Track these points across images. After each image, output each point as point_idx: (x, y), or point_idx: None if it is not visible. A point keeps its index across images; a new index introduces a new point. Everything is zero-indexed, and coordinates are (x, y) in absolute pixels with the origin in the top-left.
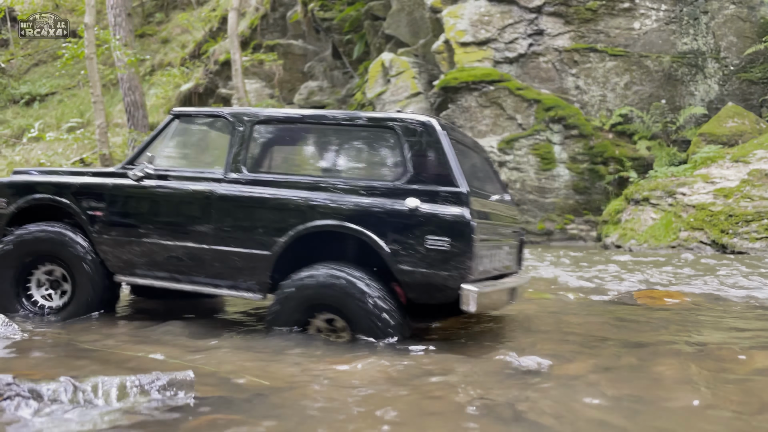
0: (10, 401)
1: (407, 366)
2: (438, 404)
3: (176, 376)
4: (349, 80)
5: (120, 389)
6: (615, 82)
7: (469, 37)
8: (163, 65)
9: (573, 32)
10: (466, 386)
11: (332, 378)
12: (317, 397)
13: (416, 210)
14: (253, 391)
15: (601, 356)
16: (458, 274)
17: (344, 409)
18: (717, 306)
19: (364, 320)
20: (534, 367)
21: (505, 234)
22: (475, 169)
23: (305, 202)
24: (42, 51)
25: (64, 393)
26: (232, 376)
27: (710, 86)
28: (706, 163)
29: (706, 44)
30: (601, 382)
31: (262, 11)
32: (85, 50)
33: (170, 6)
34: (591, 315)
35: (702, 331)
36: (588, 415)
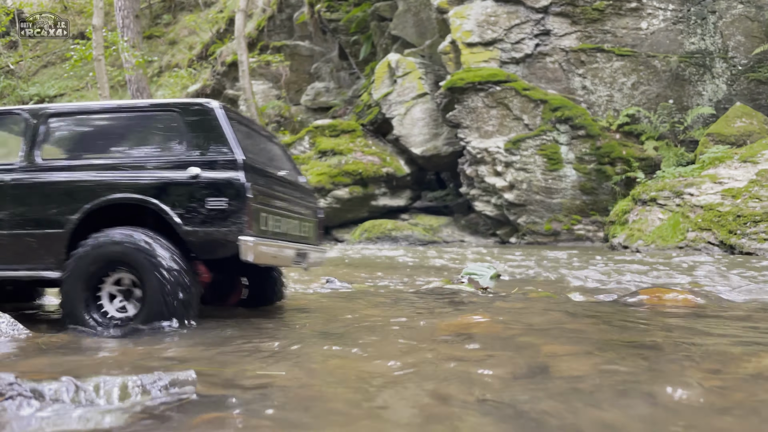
0: (11, 401)
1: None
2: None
3: (178, 376)
4: (355, 81)
5: (122, 389)
6: (622, 82)
7: (476, 38)
8: (170, 66)
9: (580, 32)
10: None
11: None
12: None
13: (197, 177)
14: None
15: (604, 356)
16: (236, 228)
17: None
18: (722, 307)
19: (152, 277)
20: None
21: (296, 208)
22: (263, 151)
23: (95, 180)
24: (51, 53)
25: (65, 393)
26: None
27: (718, 86)
28: (714, 163)
29: (714, 44)
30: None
31: (268, 12)
32: (93, 52)
33: (178, 8)
34: (590, 315)
35: (708, 331)
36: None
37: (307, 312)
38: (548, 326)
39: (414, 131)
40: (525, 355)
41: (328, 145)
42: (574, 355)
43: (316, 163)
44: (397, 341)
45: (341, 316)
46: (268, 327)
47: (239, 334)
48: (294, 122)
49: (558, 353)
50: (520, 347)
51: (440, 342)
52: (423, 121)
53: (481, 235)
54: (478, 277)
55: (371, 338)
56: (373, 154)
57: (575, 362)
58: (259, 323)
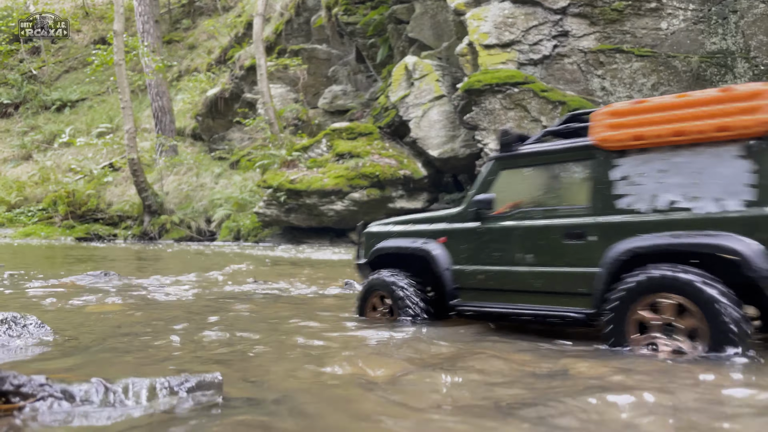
0: (43, 401)
1: None
2: None
3: (205, 378)
4: (372, 84)
5: (150, 390)
6: (642, 83)
7: (493, 40)
8: (189, 71)
9: (598, 33)
10: None
11: None
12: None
13: None
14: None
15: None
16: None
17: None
18: None
19: None
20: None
21: None
22: None
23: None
24: (72, 58)
25: (95, 394)
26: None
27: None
28: None
29: (735, 44)
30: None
31: (286, 16)
32: (114, 57)
33: (197, 12)
34: None
35: None
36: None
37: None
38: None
39: (431, 133)
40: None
41: (346, 148)
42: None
43: (333, 165)
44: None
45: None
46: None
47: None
48: (311, 125)
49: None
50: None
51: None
52: (440, 123)
53: None
54: None
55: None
56: (390, 157)
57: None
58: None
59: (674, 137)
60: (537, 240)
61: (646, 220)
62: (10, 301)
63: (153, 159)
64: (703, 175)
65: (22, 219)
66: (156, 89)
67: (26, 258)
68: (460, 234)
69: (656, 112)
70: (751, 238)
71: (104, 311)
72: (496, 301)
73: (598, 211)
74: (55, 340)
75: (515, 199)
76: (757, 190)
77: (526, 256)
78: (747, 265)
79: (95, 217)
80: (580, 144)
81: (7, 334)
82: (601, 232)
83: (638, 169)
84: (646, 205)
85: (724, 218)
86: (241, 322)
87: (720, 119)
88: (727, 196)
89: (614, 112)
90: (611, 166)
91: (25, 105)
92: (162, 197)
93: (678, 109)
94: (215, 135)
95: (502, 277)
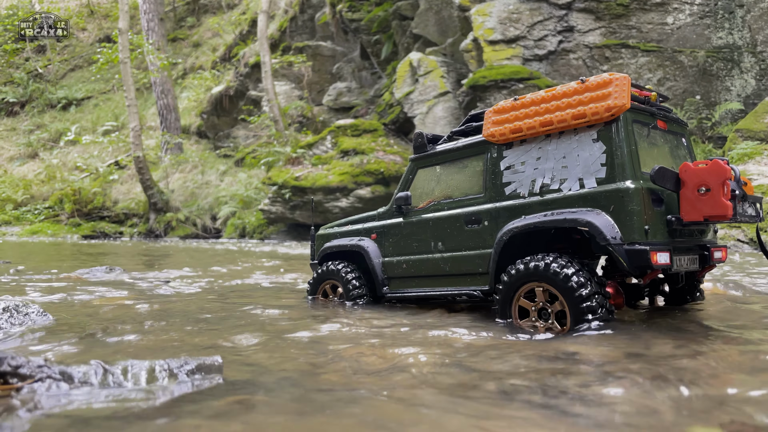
0: (41, 383)
1: None
2: None
3: (204, 361)
4: (377, 80)
5: (149, 372)
6: (648, 78)
7: (498, 35)
8: (194, 68)
9: (604, 28)
10: None
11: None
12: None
13: None
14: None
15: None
16: None
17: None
18: (753, 301)
19: None
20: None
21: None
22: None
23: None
24: (78, 56)
25: (94, 375)
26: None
27: (747, 81)
28: (743, 159)
29: (742, 38)
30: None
31: (290, 13)
32: (119, 55)
33: (201, 10)
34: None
35: (740, 324)
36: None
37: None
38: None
39: (436, 130)
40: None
41: (350, 145)
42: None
43: (338, 162)
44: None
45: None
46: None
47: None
48: (316, 122)
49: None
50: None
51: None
52: (445, 119)
53: None
54: None
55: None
56: (395, 153)
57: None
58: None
59: (544, 128)
60: (445, 228)
61: (526, 202)
62: (15, 294)
63: (158, 157)
64: (568, 159)
65: (28, 217)
66: (161, 87)
67: (33, 255)
68: (386, 229)
69: (530, 107)
70: (605, 211)
71: (107, 303)
72: (417, 287)
73: (490, 198)
74: (57, 328)
75: (431, 193)
76: (606, 168)
77: (438, 244)
78: (598, 234)
79: (101, 214)
80: (475, 141)
81: (9, 321)
82: (492, 217)
83: (520, 158)
84: (527, 190)
85: (583, 195)
86: (240, 311)
87: (577, 108)
88: (587, 176)
89: (498, 110)
90: (500, 158)
91: (31, 103)
92: (167, 195)
93: (545, 103)
94: (220, 132)
95: (420, 265)
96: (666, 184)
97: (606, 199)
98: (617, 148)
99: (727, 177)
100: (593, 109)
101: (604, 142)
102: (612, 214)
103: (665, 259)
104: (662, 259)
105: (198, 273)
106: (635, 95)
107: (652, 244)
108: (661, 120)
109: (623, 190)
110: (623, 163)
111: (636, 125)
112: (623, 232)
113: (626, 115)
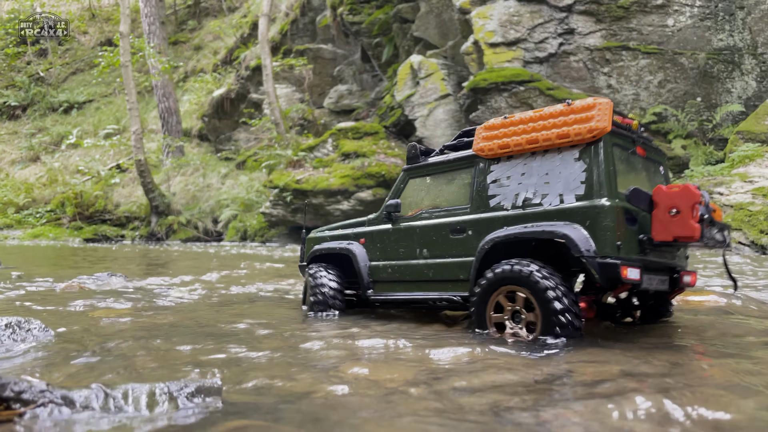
0: (43, 408)
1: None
2: None
3: (204, 383)
4: (378, 83)
5: (149, 396)
6: (648, 80)
7: (499, 38)
8: (195, 71)
9: (604, 30)
10: None
11: None
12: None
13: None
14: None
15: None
16: None
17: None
18: (753, 307)
19: None
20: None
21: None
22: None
23: None
24: (79, 60)
25: (95, 400)
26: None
27: (747, 83)
28: (744, 161)
29: (742, 40)
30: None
31: (291, 16)
32: (120, 58)
33: (202, 13)
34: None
35: (738, 330)
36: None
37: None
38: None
39: (437, 132)
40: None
41: (351, 148)
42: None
43: (339, 165)
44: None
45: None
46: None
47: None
48: (317, 125)
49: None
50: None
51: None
52: (446, 122)
53: None
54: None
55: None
56: (396, 156)
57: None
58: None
59: (530, 145)
60: (431, 236)
61: (509, 214)
62: (15, 304)
63: (160, 160)
64: (551, 176)
65: (30, 220)
66: (162, 90)
67: (34, 259)
68: (375, 235)
69: (518, 125)
70: (581, 226)
71: (108, 315)
72: (400, 291)
73: (475, 209)
74: (59, 345)
75: (420, 203)
76: (585, 185)
77: (423, 251)
78: (573, 247)
79: (103, 218)
80: (465, 155)
81: (11, 338)
82: (476, 227)
83: (506, 173)
84: (510, 203)
85: (562, 210)
86: (247, 320)
87: (561, 128)
88: (567, 192)
89: (488, 127)
90: (487, 172)
91: (32, 107)
92: (169, 198)
93: (533, 122)
94: (221, 135)
95: (405, 270)
96: (640, 204)
97: (583, 215)
98: (596, 167)
99: (696, 201)
100: (576, 129)
101: (585, 161)
102: (588, 228)
103: (635, 275)
104: (632, 275)
105: (198, 279)
106: (617, 122)
107: (623, 259)
108: (640, 147)
109: (599, 206)
110: (601, 182)
111: (616, 148)
112: (597, 246)
113: (607, 137)
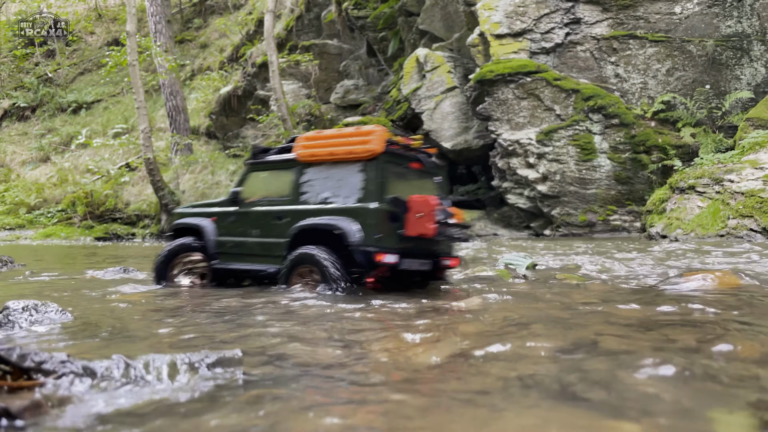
0: (64, 378)
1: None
2: None
3: (225, 354)
4: (384, 77)
5: (170, 366)
6: (656, 68)
7: (505, 29)
8: (202, 69)
9: (611, 19)
10: None
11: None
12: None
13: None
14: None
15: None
16: None
17: None
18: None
19: None
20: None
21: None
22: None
23: None
24: (87, 60)
25: (116, 370)
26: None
27: (756, 69)
28: (755, 148)
29: (751, 26)
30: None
31: (297, 12)
32: (127, 58)
33: (208, 11)
34: (635, 301)
35: (754, 315)
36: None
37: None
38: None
39: (444, 125)
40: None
41: None
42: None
43: None
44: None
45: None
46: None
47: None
48: (324, 120)
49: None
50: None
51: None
52: (453, 114)
53: (515, 228)
54: (514, 266)
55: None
56: None
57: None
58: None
59: (329, 157)
60: (261, 220)
61: (311, 209)
62: (32, 293)
63: (168, 158)
64: (342, 182)
65: (41, 220)
66: (170, 89)
67: (47, 258)
68: (222, 215)
69: (324, 140)
70: (356, 221)
71: (124, 300)
72: (237, 262)
73: (292, 202)
74: (77, 325)
75: (257, 192)
76: (363, 191)
77: (255, 230)
78: (346, 237)
79: (113, 216)
80: (288, 157)
81: (28, 320)
82: (292, 216)
83: (314, 176)
84: (314, 200)
85: (347, 209)
86: (259, 307)
87: (350, 147)
88: (352, 195)
89: (306, 138)
90: (302, 173)
91: (41, 108)
92: (178, 196)
93: (334, 139)
94: (229, 133)
95: (241, 245)
96: (399, 208)
97: (357, 214)
98: (371, 178)
99: (433, 208)
100: (359, 149)
101: (364, 173)
102: (360, 224)
103: (393, 259)
104: (389, 259)
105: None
106: (398, 142)
107: (381, 247)
108: (417, 162)
109: (368, 208)
110: (372, 190)
111: (389, 164)
112: (363, 237)
113: (381, 156)
